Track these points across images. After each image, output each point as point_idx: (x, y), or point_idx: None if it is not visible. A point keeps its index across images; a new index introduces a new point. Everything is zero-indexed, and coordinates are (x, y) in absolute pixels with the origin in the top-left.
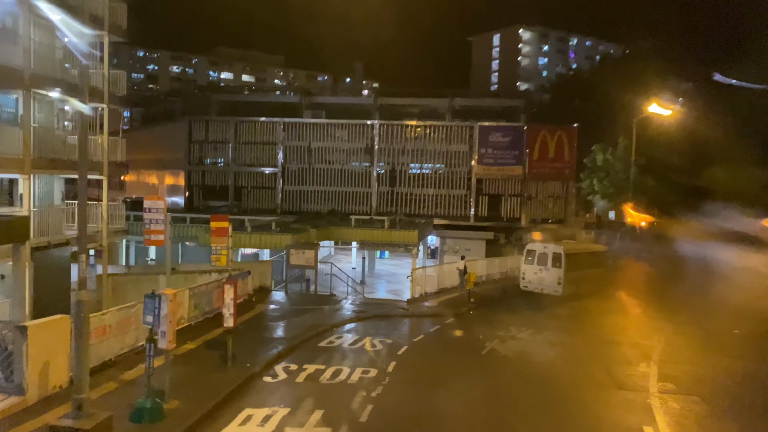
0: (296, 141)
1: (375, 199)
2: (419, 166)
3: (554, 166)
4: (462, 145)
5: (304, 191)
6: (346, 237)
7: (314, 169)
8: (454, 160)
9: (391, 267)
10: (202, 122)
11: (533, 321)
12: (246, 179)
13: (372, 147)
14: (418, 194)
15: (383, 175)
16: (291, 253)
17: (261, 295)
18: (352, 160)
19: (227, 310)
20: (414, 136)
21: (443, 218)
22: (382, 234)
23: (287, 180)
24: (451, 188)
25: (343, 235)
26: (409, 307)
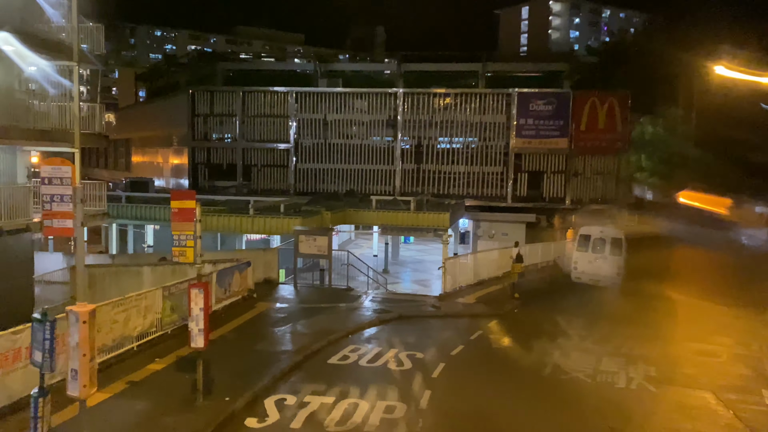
0: (310, 113)
1: (399, 178)
2: (449, 140)
3: (605, 138)
4: (498, 115)
5: (320, 169)
6: (366, 220)
7: (331, 144)
8: (488, 132)
9: (416, 253)
10: (205, 93)
11: (596, 323)
12: (256, 156)
13: (395, 119)
14: (447, 172)
15: (408, 151)
16: (300, 240)
17: (265, 290)
18: (372, 134)
19: (195, 324)
20: (443, 106)
21: (476, 199)
22: (407, 217)
23: (301, 157)
24: (485, 165)
25: (363, 218)
26: (441, 305)
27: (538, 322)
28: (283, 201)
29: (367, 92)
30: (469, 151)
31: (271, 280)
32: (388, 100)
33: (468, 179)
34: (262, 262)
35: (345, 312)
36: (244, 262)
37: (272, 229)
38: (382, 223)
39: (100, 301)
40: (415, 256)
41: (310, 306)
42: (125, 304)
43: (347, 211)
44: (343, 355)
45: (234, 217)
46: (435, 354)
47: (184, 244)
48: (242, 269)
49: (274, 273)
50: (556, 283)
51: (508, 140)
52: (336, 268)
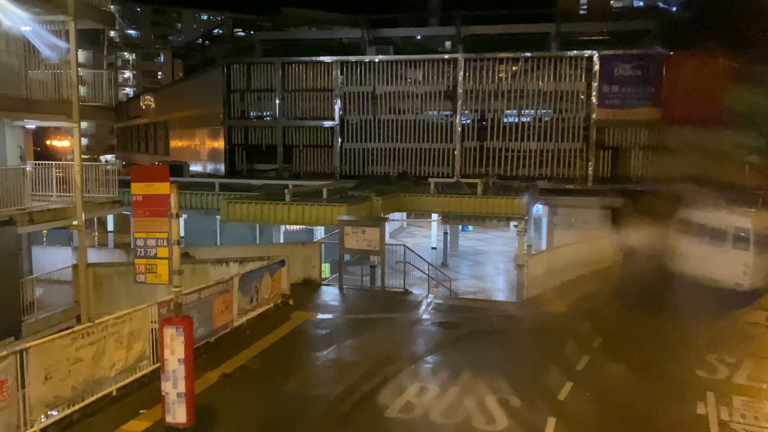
0: (358, 86)
1: (459, 158)
2: (517, 113)
3: (704, 108)
4: (576, 82)
5: (368, 150)
6: (423, 207)
7: (380, 121)
8: (564, 103)
9: (476, 242)
10: (241, 66)
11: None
12: (297, 136)
13: (454, 90)
14: (515, 150)
15: (469, 127)
16: (346, 233)
17: (303, 294)
18: (428, 108)
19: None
20: (510, 74)
21: (550, 181)
22: (474, 203)
23: (347, 136)
24: (560, 141)
25: (420, 204)
26: (522, 315)
27: (662, 338)
28: (325, 185)
29: (421, 60)
30: (541, 126)
31: (311, 281)
32: (446, 68)
33: (540, 158)
34: (301, 259)
35: (403, 326)
36: (276, 261)
37: (312, 219)
38: (443, 210)
39: (107, 306)
40: (475, 246)
41: (359, 317)
42: (95, 334)
43: (401, 196)
44: (406, 401)
45: (267, 205)
46: (535, 398)
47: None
48: (274, 270)
49: (315, 272)
50: (661, 281)
51: (588, 111)
52: (388, 262)
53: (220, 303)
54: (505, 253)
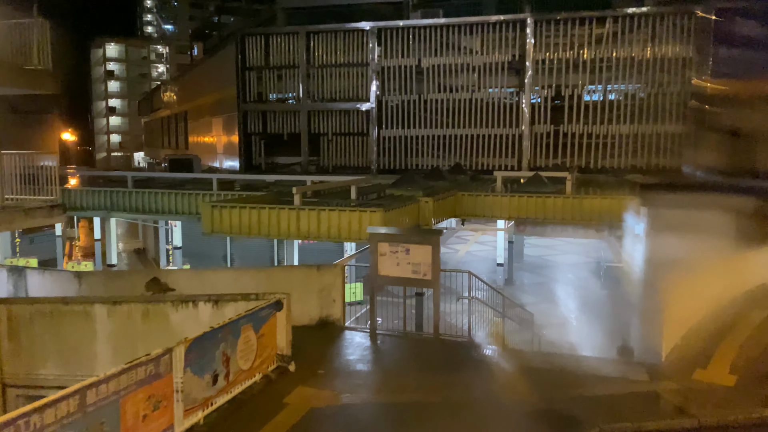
0: (399, 59)
1: (528, 146)
2: (601, 88)
3: None
4: (679, 47)
5: (412, 138)
6: (488, 210)
7: (427, 102)
8: (664, 74)
9: (542, 251)
10: (258, 39)
11: None
12: (325, 122)
13: (522, 61)
14: (599, 135)
15: (541, 107)
16: (381, 252)
17: (316, 348)
18: (488, 85)
19: None
20: (593, 39)
21: (645, 174)
22: (562, 205)
23: (386, 121)
24: (659, 123)
25: (484, 206)
26: (680, 394)
27: None
28: (355, 181)
29: (479, 23)
30: (634, 104)
31: (329, 322)
32: (510, 33)
33: (633, 145)
34: (316, 290)
35: (480, 424)
36: (267, 305)
37: (331, 231)
38: (516, 214)
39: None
40: (542, 254)
41: (405, 401)
42: None
43: (458, 195)
44: None
45: (267, 210)
46: None
47: None
48: (262, 320)
49: (335, 309)
50: None
51: (695, 84)
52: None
53: (140, 402)
54: (580, 265)
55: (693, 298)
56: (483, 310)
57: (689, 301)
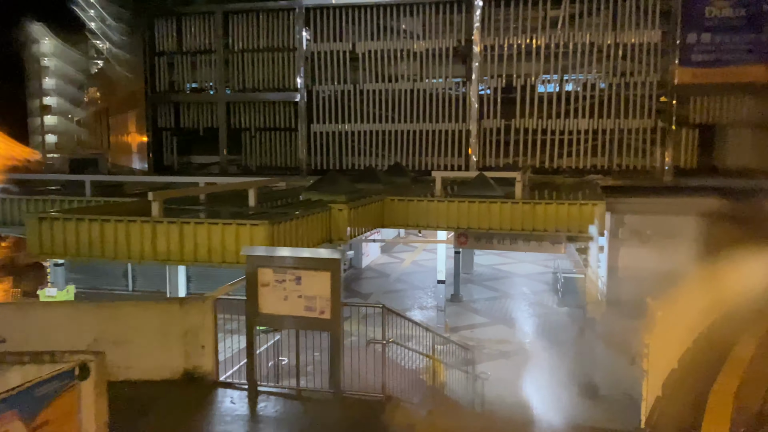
0: (330, 43)
1: (476, 143)
2: (558, 78)
3: None
4: (646, 31)
5: (347, 134)
6: (422, 219)
7: (363, 92)
8: (629, 62)
9: (495, 259)
10: (169, 21)
11: None
12: (247, 116)
13: (468, 47)
14: (556, 131)
15: (490, 99)
16: (263, 281)
17: (165, 416)
18: (432, 74)
19: None
20: (548, 22)
21: (609, 175)
22: (512, 212)
23: (317, 114)
24: (624, 117)
25: (419, 214)
26: None
27: None
28: (251, 183)
29: (421, 3)
30: (594, 96)
31: (196, 376)
32: (456, 15)
33: (594, 142)
34: (180, 332)
35: None
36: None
37: (198, 253)
38: (458, 224)
39: None
40: (495, 264)
41: None
42: None
43: (386, 201)
44: None
45: (113, 224)
46: None
47: None
48: (40, 402)
49: (205, 357)
50: None
51: (666, 73)
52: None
53: None
54: (536, 276)
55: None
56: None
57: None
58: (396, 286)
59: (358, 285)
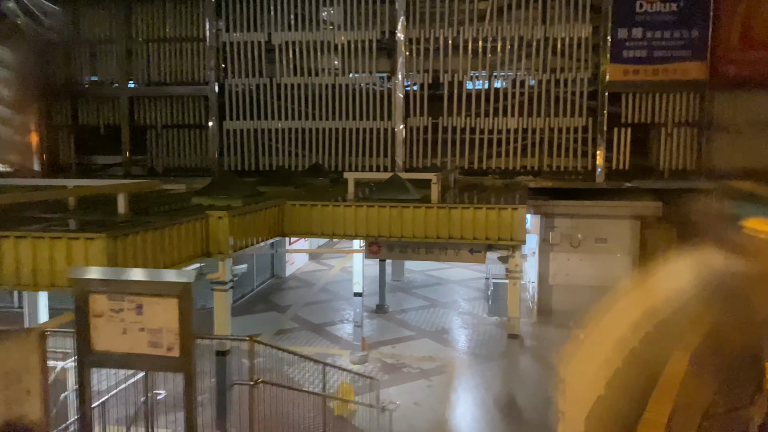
0: (244, 33)
1: (401, 143)
2: (487, 74)
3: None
4: (578, 25)
5: (264, 131)
6: (326, 227)
7: (281, 87)
8: (560, 58)
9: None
10: (64, 8)
11: None
12: (153, 112)
13: (393, 39)
14: (485, 130)
15: (417, 96)
16: (94, 313)
17: None
18: (354, 68)
19: None
20: (476, 14)
21: (540, 177)
22: (426, 218)
23: (230, 111)
24: (555, 116)
25: (321, 221)
26: None
27: None
28: (123, 186)
29: None
30: (525, 93)
31: (21, 429)
32: (380, 4)
33: (524, 142)
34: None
35: None
36: None
37: (22, 274)
38: (367, 231)
39: None
40: (427, 270)
41: None
42: None
43: (287, 206)
44: None
45: None
46: None
47: None
48: None
49: (31, 404)
50: None
51: (598, 70)
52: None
53: None
54: (470, 282)
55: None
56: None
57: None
58: (320, 296)
59: (278, 296)
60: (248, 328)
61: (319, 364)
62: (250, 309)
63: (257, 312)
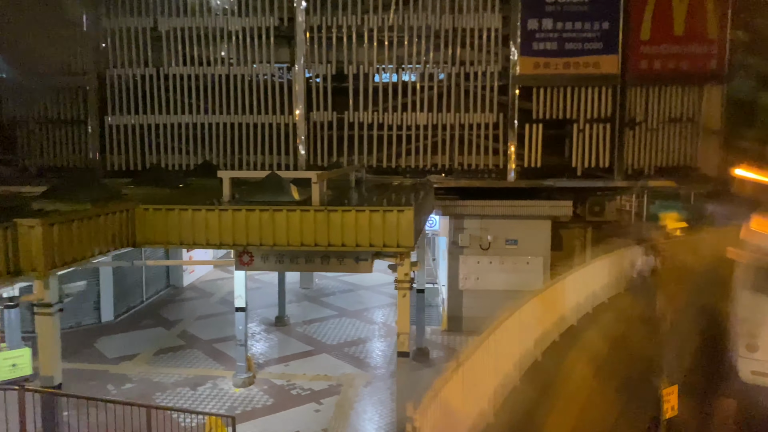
0: (127, 18)
1: (304, 139)
2: (394, 67)
3: (687, 52)
4: (488, 15)
5: (151, 127)
6: (186, 235)
7: (170, 77)
8: (470, 51)
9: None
10: None
11: None
12: (24, 105)
13: (292, 27)
14: (394, 126)
15: (320, 88)
16: None
17: None
18: (251, 59)
19: None
20: (381, 4)
21: (451, 176)
22: (302, 223)
23: (113, 104)
24: (464, 111)
25: (180, 228)
26: None
27: None
28: None
29: None
30: (435, 87)
31: None
32: None
33: (433, 138)
34: None
35: None
36: None
37: None
38: (234, 239)
39: None
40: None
41: None
42: None
43: (138, 211)
44: None
45: None
46: None
47: None
48: None
49: None
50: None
51: (507, 63)
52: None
53: None
54: (384, 287)
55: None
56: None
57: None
58: (217, 308)
59: (170, 309)
60: (127, 347)
61: (196, 389)
62: (135, 324)
63: (142, 328)
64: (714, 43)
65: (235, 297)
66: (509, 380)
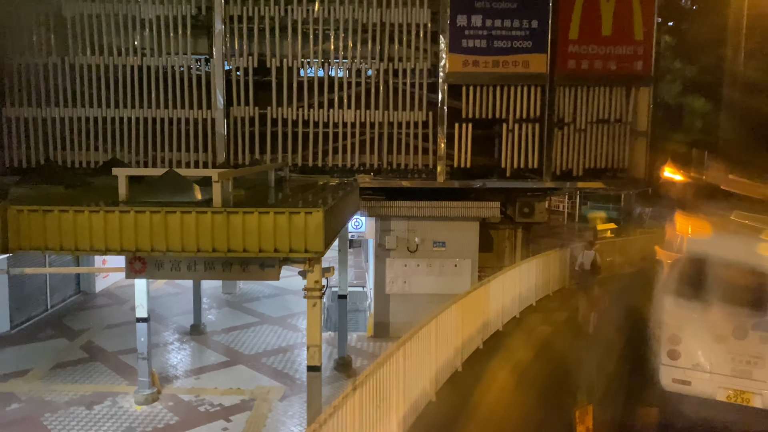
0: (28, 1)
1: (223, 136)
2: (320, 61)
3: (614, 52)
4: (416, 10)
5: (53, 121)
6: (66, 240)
7: (75, 68)
8: (398, 47)
9: None
10: None
11: None
12: None
13: (210, 16)
14: (320, 123)
15: (241, 82)
16: None
17: None
18: (166, 49)
19: None
20: None
21: (379, 176)
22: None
23: (10, 96)
24: (393, 109)
25: (63, 232)
26: None
27: None
28: None
29: None
30: (363, 83)
31: None
32: None
33: (361, 137)
34: None
35: None
36: None
37: None
38: (123, 244)
39: None
40: None
41: None
42: None
43: (12, 212)
44: None
45: None
46: None
47: None
48: None
49: None
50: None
51: (437, 60)
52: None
53: None
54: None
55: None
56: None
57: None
58: (129, 316)
59: (76, 318)
60: (21, 362)
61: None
62: (35, 335)
63: (42, 339)
64: (641, 44)
65: (136, 306)
66: (424, 396)
